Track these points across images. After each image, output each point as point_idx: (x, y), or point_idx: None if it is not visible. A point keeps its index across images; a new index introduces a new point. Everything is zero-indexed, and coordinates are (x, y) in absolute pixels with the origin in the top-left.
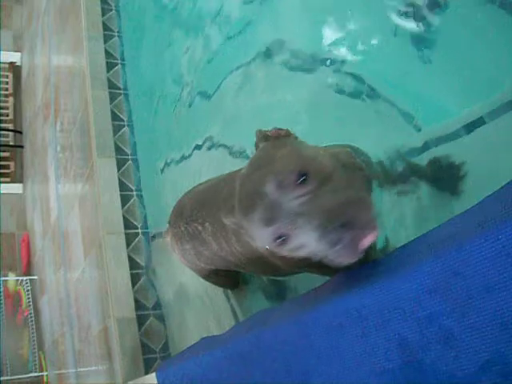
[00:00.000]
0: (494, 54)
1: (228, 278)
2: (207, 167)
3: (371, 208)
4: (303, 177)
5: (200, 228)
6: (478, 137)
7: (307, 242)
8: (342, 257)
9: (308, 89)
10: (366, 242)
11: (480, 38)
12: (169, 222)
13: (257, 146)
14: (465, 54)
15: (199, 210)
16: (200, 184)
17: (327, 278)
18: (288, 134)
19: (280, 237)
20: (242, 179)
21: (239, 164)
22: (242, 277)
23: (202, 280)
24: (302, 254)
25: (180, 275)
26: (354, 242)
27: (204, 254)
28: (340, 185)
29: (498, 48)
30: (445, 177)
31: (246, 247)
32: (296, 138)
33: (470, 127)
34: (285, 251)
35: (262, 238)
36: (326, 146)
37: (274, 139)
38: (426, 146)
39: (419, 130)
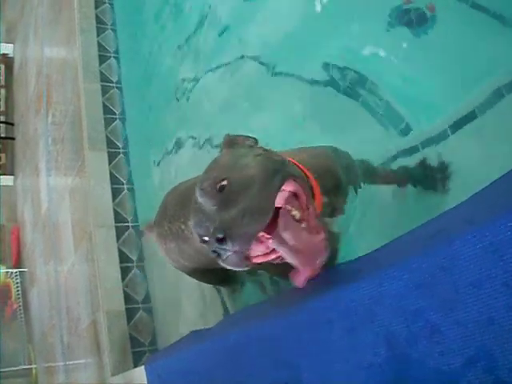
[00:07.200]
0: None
1: (213, 275)
2: (200, 161)
3: (259, 224)
4: (222, 185)
5: (183, 227)
6: (465, 134)
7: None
8: (229, 265)
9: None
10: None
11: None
12: (155, 222)
13: (221, 149)
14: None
15: (181, 208)
16: (182, 183)
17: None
18: (253, 144)
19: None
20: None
21: None
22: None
23: None
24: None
25: (170, 269)
26: (232, 257)
27: (187, 251)
28: (249, 196)
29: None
30: (432, 177)
31: None
32: (263, 148)
33: (457, 125)
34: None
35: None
36: (306, 148)
37: (235, 147)
38: (415, 148)
39: (408, 130)
